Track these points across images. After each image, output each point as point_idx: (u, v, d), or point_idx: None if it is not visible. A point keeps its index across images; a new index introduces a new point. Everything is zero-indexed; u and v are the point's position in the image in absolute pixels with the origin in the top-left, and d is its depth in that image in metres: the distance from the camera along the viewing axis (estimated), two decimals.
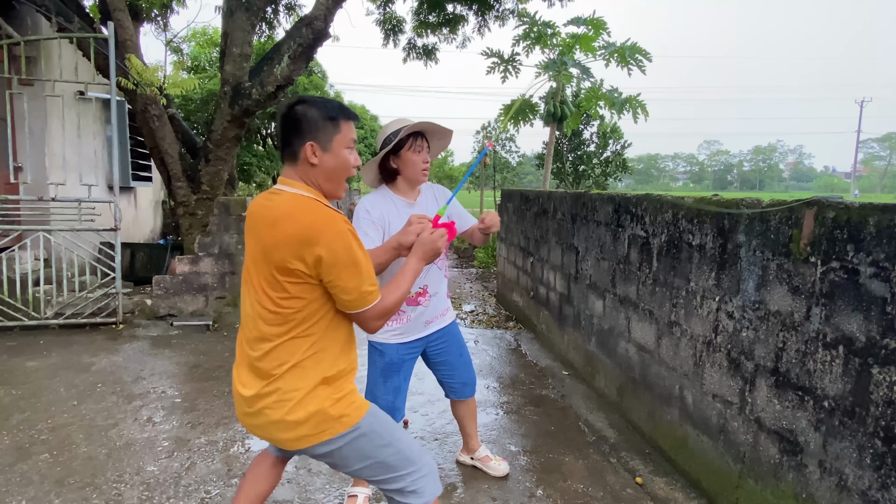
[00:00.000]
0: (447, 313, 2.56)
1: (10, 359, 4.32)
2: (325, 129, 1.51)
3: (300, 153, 1.51)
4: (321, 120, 1.51)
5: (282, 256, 1.44)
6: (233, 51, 6.17)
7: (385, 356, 2.38)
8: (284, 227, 1.44)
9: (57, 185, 5.16)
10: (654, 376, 3.00)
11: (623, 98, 6.83)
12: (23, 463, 2.75)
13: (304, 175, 1.54)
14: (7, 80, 5.17)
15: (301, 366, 1.50)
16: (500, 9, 8.52)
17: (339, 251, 1.42)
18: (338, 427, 1.52)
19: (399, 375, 2.41)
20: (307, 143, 1.50)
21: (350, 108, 1.60)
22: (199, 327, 5.36)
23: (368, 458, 1.58)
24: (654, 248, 3.03)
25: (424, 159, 2.32)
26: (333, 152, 1.53)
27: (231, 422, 3.29)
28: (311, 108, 1.51)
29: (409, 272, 1.67)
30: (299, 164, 1.53)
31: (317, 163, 1.52)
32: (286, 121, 1.53)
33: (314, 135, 1.50)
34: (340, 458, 1.58)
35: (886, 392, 1.65)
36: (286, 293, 1.47)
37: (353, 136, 1.57)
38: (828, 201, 1.89)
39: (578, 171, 17.60)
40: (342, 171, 1.55)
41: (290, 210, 1.46)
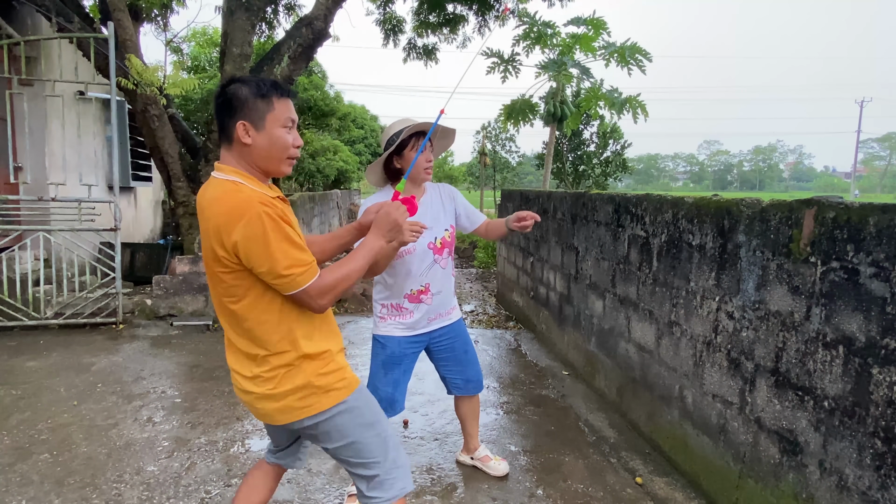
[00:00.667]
0: (453, 312, 2.56)
1: (10, 359, 4.32)
2: (256, 107, 1.46)
3: (233, 134, 1.47)
4: (252, 98, 1.46)
5: (210, 245, 1.45)
6: (233, 51, 6.17)
7: (387, 349, 2.40)
8: (207, 216, 1.44)
9: (57, 185, 5.16)
10: (654, 376, 3.00)
11: (623, 98, 6.83)
12: (23, 463, 2.75)
13: (238, 156, 1.50)
14: (7, 80, 5.17)
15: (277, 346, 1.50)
16: (500, 9, 8.52)
17: (253, 236, 1.38)
18: (325, 401, 1.53)
19: (399, 368, 2.43)
20: (238, 122, 1.46)
21: (286, 85, 1.55)
22: (199, 327, 5.36)
23: (348, 436, 1.58)
24: (654, 248, 3.03)
25: (427, 158, 2.31)
26: (267, 131, 1.48)
27: (231, 422, 3.29)
28: (242, 87, 1.47)
29: (363, 248, 1.60)
30: (234, 146, 1.49)
31: (250, 142, 1.47)
32: (219, 101, 1.49)
33: (245, 113, 1.46)
34: (322, 432, 1.58)
35: (886, 392, 1.65)
36: (224, 281, 1.47)
37: (291, 115, 1.51)
38: (828, 201, 1.89)
39: (578, 171, 17.61)
40: (278, 149, 1.50)
41: (210, 199, 1.45)
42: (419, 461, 2.87)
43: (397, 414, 2.47)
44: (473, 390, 2.65)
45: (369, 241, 1.63)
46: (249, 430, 3.18)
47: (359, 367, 4.30)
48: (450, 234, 2.46)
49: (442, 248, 2.41)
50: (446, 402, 3.61)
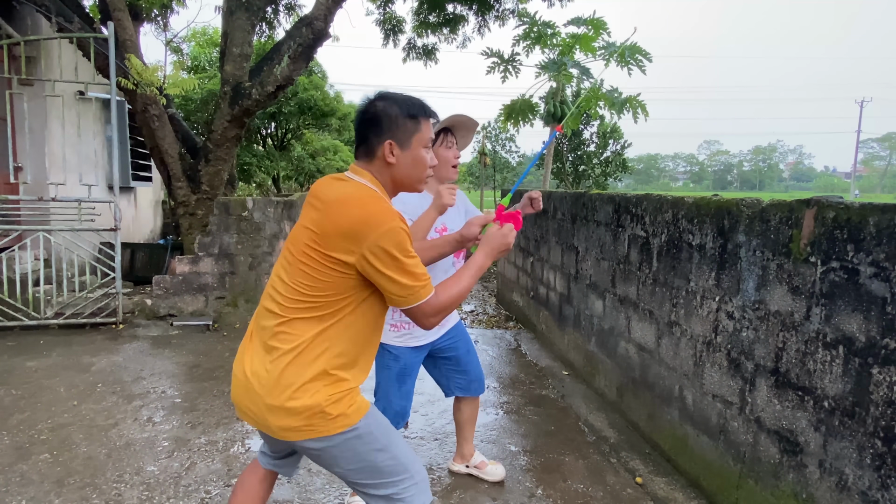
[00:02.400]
0: (455, 315, 2.56)
1: (10, 359, 4.32)
2: (404, 128, 1.49)
3: (377, 150, 1.49)
4: (402, 118, 1.49)
5: (331, 243, 1.41)
6: (233, 51, 6.17)
7: (400, 361, 2.32)
8: (337, 215, 1.41)
9: (57, 185, 5.16)
10: (654, 376, 3.00)
11: (623, 98, 6.82)
12: (23, 463, 2.75)
13: (377, 172, 1.52)
14: (7, 80, 5.17)
15: (305, 351, 1.44)
16: (500, 9, 8.53)
17: (388, 248, 1.38)
18: (332, 427, 1.46)
19: (411, 379, 2.38)
20: (386, 141, 1.48)
21: (431, 106, 1.57)
22: (199, 327, 5.36)
23: (361, 460, 1.51)
24: (654, 248, 3.03)
25: (455, 154, 2.30)
26: (412, 151, 1.51)
27: (231, 422, 3.28)
28: (392, 105, 1.49)
29: (475, 268, 1.59)
30: (375, 162, 1.51)
31: (394, 161, 1.49)
32: (365, 116, 1.50)
33: (393, 133, 1.48)
34: (330, 457, 1.51)
35: (886, 392, 1.65)
36: (316, 276, 1.43)
37: (432, 135, 1.55)
38: (828, 201, 1.89)
39: (578, 171, 17.61)
40: (420, 170, 1.54)
41: (346, 199, 1.43)
42: None
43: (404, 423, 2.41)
44: (477, 391, 2.60)
45: (479, 260, 1.63)
46: (249, 430, 3.18)
47: None
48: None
49: (460, 251, 2.39)
50: (446, 402, 3.61)
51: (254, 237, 5.81)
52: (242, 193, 13.69)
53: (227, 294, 5.73)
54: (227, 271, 5.73)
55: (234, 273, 5.75)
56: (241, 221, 5.74)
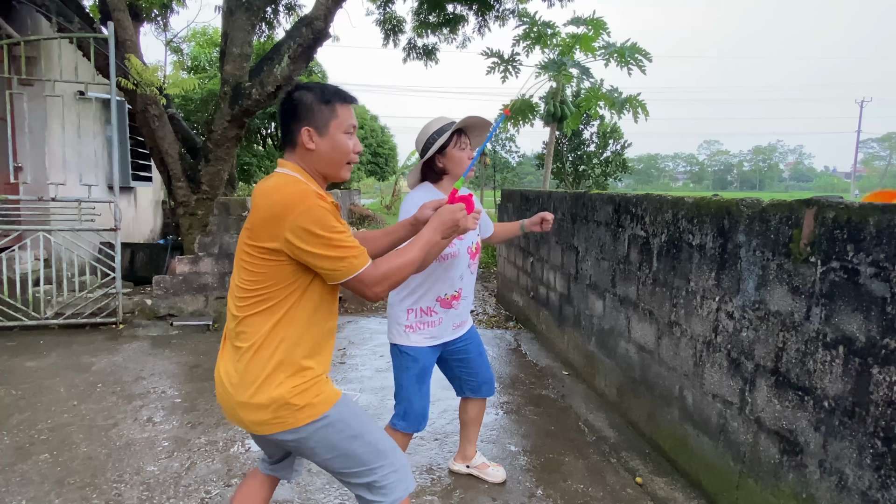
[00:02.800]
0: (469, 317, 2.54)
1: (10, 359, 4.32)
2: (320, 113, 1.51)
3: (297, 139, 1.52)
4: (316, 104, 1.51)
5: (257, 234, 1.45)
6: (233, 51, 6.17)
7: (419, 362, 2.30)
8: (260, 204, 1.45)
9: (57, 185, 5.16)
10: (654, 376, 3.00)
11: (623, 98, 6.83)
12: (23, 463, 2.75)
13: (301, 160, 1.55)
14: (7, 80, 5.18)
15: (262, 346, 1.47)
16: (500, 9, 8.52)
17: (307, 226, 1.40)
18: (300, 418, 1.48)
19: (428, 379, 2.38)
20: (303, 128, 1.51)
21: (348, 91, 1.58)
22: (199, 327, 5.36)
23: (335, 448, 1.54)
24: (654, 248, 3.03)
25: (469, 155, 2.28)
26: (330, 136, 1.53)
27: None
28: (307, 93, 1.52)
29: (420, 240, 1.61)
30: (297, 150, 1.54)
31: (313, 147, 1.52)
32: (284, 107, 1.54)
33: (310, 119, 1.51)
34: (306, 448, 1.54)
35: (886, 392, 1.65)
36: (254, 270, 1.47)
37: (352, 121, 1.56)
38: (828, 201, 1.89)
39: (578, 171, 17.61)
40: (340, 154, 1.55)
41: (267, 189, 1.47)
42: (419, 461, 2.87)
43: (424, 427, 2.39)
44: (487, 392, 2.58)
45: (426, 233, 1.64)
46: None
47: (358, 366, 4.30)
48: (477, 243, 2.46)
49: (475, 253, 2.41)
50: (446, 402, 3.61)
51: None
52: (242, 193, 13.68)
53: (227, 294, 5.72)
54: (227, 271, 5.72)
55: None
56: (241, 221, 5.74)
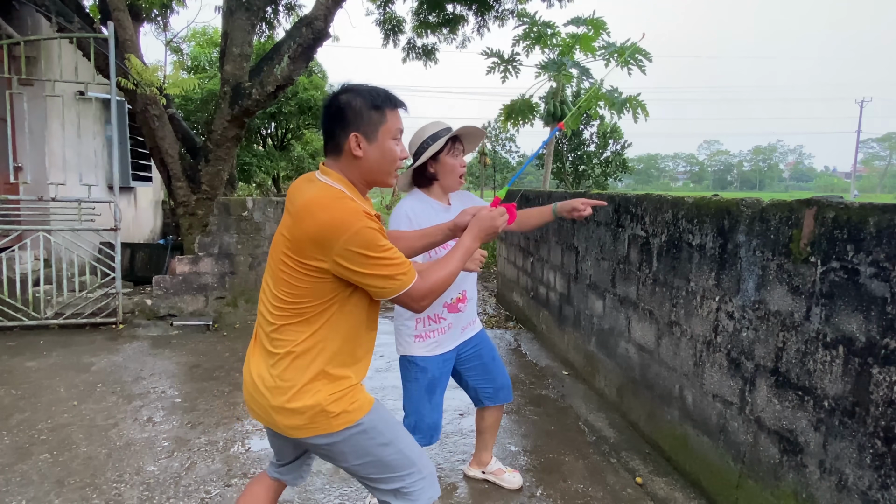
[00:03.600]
0: (477, 320, 2.49)
1: (10, 359, 4.32)
2: (370, 119, 1.46)
3: (344, 145, 1.46)
4: (366, 109, 1.45)
5: (302, 250, 1.41)
6: (233, 51, 6.17)
7: (428, 372, 2.26)
8: (305, 222, 1.40)
9: (57, 185, 5.16)
10: (654, 376, 3.00)
11: (623, 98, 6.83)
12: (23, 463, 2.75)
13: (346, 167, 1.49)
14: (7, 80, 5.17)
15: (301, 355, 1.46)
16: (499, 9, 8.52)
17: (358, 249, 1.37)
18: (335, 424, 1.48)
19: (440, 389, 2.32)
20: (351, 133, 1.45)
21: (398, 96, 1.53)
22: (199, 327, 5.36)
23: (367, 455, 1.54)
24: (654, 248, 3.03)
25: (462, 163, 2.27)
26: (379, 143, 1.47)
27: (231, 422, 3.29)
28: (355, 97, 1.46)
29: (461, 249, 1.59)
30: (343, 157, 1.48)
31: (361, 155, 1.46)
32: (330, 111, 1.48)
33: (358, 125, 1.45)
34: (338, 452, 1.54)
35: (886, 392, 1.65)
36: (296, 284, 1.44)
37: (400, 126, 1.51)
38: (828, 201, 1.89)
39: (578, 171, 17.62)
40: (388, 162, 1.51)
41: (312, 204, 1.41)
42: None
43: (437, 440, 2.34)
44: (504, 398, 2.52)
45: (467, 242, 1.62)
46: (249, 430, 3.18)
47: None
48: None
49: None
50: (446, 402, 3.60)
51: (254, 237, 5.81)
52: (242, 193, 13.68)
53: (227, 294, 5.73)
54: (227, 271, 5.73)
55: (234, 273, 5.75)
56: (241, 221, 5.74)
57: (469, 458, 2.85)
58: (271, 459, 1.81)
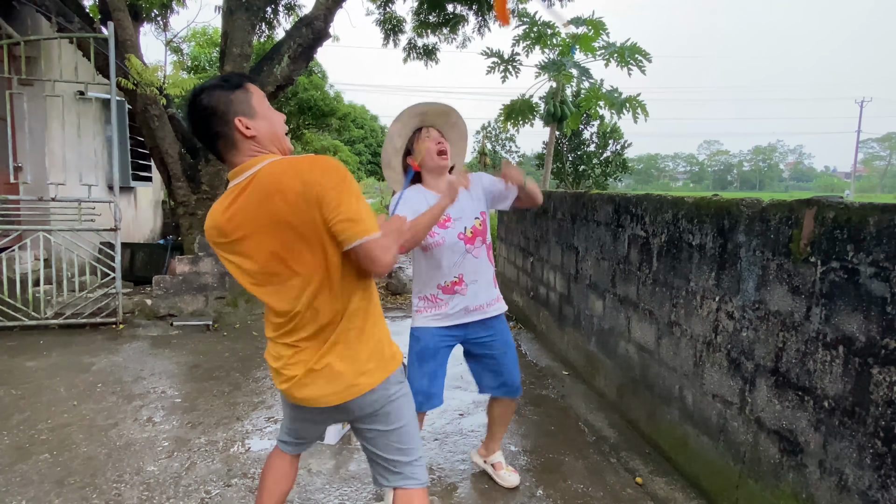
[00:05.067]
0: (494, 304, 2.43)
1: (10, 359, 4.32)
2: (240, 99, 1.48)
3: (233, 134, 1.47)
4: (231, 94, 1.48)
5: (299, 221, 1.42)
6: (233, 51, 6.17)
7: (420, 342, 2.35)
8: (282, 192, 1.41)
9: (57, 185, 5.16)
10: (654, 376, 3.00)
11: (623, 98, 6.83)
12: (23, 463, 2.75)
13: (250, 151, 1.49)
14: (7, 80, 5.18)
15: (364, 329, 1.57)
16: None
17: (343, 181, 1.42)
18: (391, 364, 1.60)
19: (434, 361, 2.36)
20: (234, 119, 1.46)
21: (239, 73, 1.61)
22: (199, 327, 5.36)
23: (402, 419, 1.64)
24: (654, 248, 3.03)
25: (436, 140, 2.26)
26: (261, 114, 1.50)
27: (231, 422, 3.29)
28: (215, 91, 1.47)
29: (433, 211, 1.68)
30: (238, 145, 1.48)
31: (254, 133, 1.48)
32: (201, 116, 1.47)
33: (235, 110, 1.47)
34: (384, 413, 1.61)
35: (886, 392, 1.65)
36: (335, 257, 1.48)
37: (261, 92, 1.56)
38: (828, 201, 1.89)
39: (578, 171, 17.62)
40: (278, 125, 1.54)
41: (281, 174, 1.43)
42: None
43: (435, 408, 2.43)
44: (506, 394, 2.53)
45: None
46: (249, 430, 3.18)
47: None
48: (481, 223, 2.37)
49: (473, 237, 2.34)
50: (446, 402, 3.60)
51: None
52: None
53: (227, 294, 5.73)
54: (226, 271, 5.71)
55: None
56: None
57: (469, 458, 2.87)
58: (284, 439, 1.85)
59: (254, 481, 2.63)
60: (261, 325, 5.51)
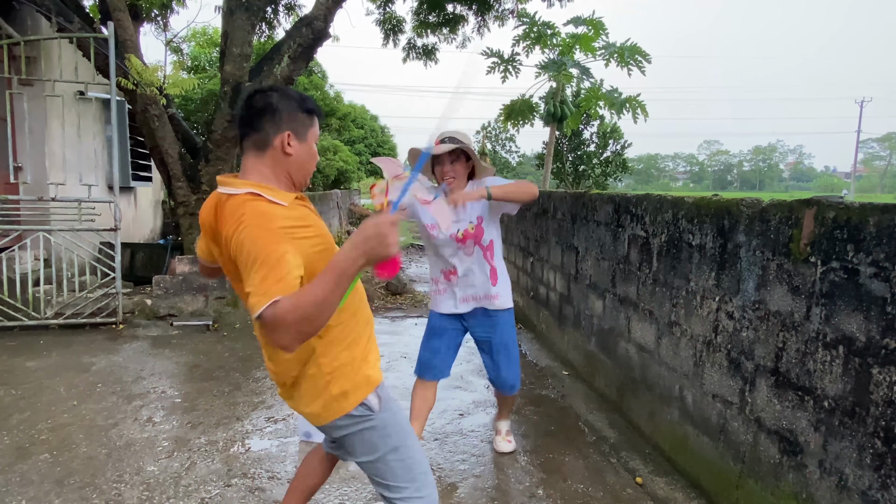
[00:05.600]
0: (493, 301, 2.69)
1: (10, 359, 4.32)
2: (303, 121, 1.53)
3: (273, 141, 1.48)
4: (300, 111, 1.52)
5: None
6: (233, 51, 6.16)
7: (431, 320, 2.78)
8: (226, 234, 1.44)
9: (57, 185, 5.16)
10: (654, 376, 3.00)
11: (623, 98, 6.83)
12: (23, 463, 2.75)
13: (272, 163, 1.50)
14: (7, 80, 5.17)
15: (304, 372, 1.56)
16: (499, 9, 8.52)
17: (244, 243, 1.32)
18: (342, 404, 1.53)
19: (439, 340, 2.73)
20: (285, 132, 1.48)
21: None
22: (199, 327, 5.36)
23: (375, 452, 1.58)
24: (654, 248, 3.03)
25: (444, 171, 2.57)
26: (307, 144, 1.55)
27: (231, 422, 3.29)
28: (288, 99, 1.51)
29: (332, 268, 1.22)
30: (268, 152, 1.49)
31: (292, 153, 1.51)
32: (258, 106, 1.49)
33: (291, 124, 1.50)
34: (349, 444, 1.60)
35: (886, 392, 1.65)
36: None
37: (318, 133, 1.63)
38: (828, 201, 1.89)
39: (578, 171, 17.62)
40: (311, 164, 1.60)
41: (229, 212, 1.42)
42: None
43: (435, 379, 2.74)
44: (502, 390, 2.86)
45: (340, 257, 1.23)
46: (249, 430, 3.18)
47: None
48: (474, 227, 2.59)
49: (465, 238, 2.60)
50: (446, 402, 3.61)
51: None
52: None
53: (227, 294, 5.73)
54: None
55: None
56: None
57: (469, 458, 2.88)
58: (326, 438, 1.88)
59: (254, 481, 2.63)
60: None
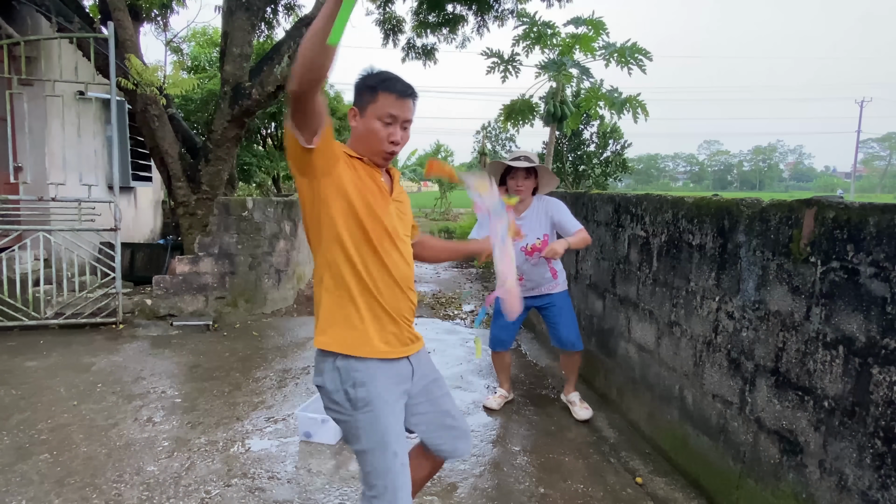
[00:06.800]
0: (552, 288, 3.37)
1: (10, 359, 4.32)
2: (363, 96, 1.62)
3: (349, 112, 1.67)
4: (361, 87, 1.63)
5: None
6: (233, 51, 6.16)
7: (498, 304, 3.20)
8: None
9: (57, 185, 5.16)
10: (654, 376, 3.00)
11: (623, 98, 6.82)
12: (23, 463, 2.75)
13: (352, 135, 1.68)
14: (7, 80, 5.17)
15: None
16: (499, 9, 8.52)
17: None
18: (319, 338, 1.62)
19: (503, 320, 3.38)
20: (354, 107, 1.65)
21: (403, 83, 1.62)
22: (199, 327, 5.36)
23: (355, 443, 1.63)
24: (654, 248, 3.03)
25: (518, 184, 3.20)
26: (366, 119, 1.61)
27: (231, 422, 3.28)
28: (361, 77, 1.65)
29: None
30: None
31: (355, 125, 1.65)
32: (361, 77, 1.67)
33: (356, 100, 1.65)
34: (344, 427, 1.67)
35: (886, 392, 1.65)
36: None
37: (392, 111, 1.59)
38: (828, 201, 1.89)
39: (578, 171, 17.60)
40: (373, 140, 1.62)
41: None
42: None
43: (506, 350, 3.51)
44: (562, 347, 3.40)
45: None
46: (249, 430, 3.18)
47: None
48: (541, 242, 3.21)
49: (532, 251, 3.22)
50: None
51: (254, 237, 5.81)
52: (242, 193, 13.66)
53: (227, 294, 5.73)
54: (227, 271, 5.73)
55: (234, 273, 5.74)
56: (241, 221, 5.74)
57: (469, 458, 2.88)
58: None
59: (254, 481, 2.63)
60: (261, 325, 5.52)
